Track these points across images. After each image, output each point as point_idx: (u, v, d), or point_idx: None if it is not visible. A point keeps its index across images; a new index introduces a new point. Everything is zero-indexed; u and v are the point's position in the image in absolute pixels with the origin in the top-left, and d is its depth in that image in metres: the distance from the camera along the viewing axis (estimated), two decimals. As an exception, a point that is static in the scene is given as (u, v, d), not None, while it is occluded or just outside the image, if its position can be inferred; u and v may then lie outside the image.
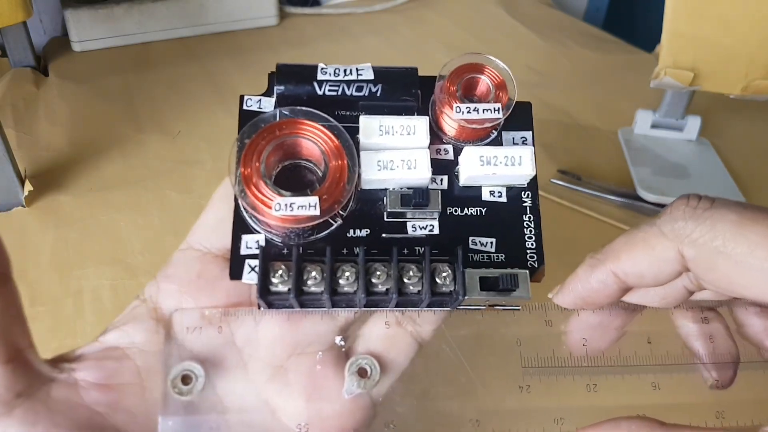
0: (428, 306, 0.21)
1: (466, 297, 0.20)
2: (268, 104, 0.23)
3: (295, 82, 0.23)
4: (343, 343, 0.21)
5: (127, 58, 0.62)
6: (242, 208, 0.21)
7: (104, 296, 0.39)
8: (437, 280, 0.20)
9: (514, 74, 0.24)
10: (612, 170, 0.50)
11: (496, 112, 0.22)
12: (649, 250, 0.20)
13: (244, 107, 0.23)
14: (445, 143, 0.23)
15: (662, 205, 0.46)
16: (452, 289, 0.20)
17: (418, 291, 0.20)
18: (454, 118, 0.22)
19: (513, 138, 0.23)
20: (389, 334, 0.22)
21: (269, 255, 0.21)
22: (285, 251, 0.21)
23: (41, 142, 0.51)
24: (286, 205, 0.20)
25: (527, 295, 0.21)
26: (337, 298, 0.20)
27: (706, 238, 0.19)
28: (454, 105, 0.22)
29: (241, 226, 0.21)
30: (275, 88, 0.23)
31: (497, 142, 0.23)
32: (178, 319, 0.21)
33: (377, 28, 0.70)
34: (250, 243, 0.21)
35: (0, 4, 0.40)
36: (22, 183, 0.44)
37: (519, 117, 0.24)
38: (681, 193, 0.51)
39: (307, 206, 0.20)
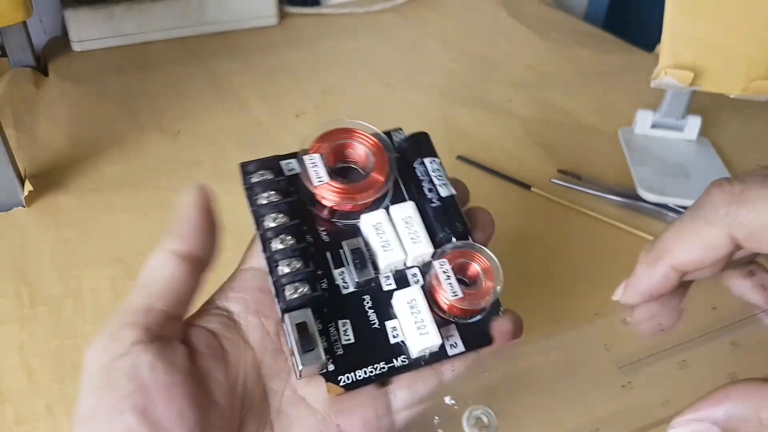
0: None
1: (285, 311, 0.23)
2: None
3: (411, 148, 0.27)
4: (453, 402, 0.23)
5: (127, 58, 0.62)
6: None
7: (104, 296, 0.39)
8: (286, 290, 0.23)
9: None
10: (612, 170, 0.50)
11: (451, 296, 0.24)
12: (702, 240, 0.21)
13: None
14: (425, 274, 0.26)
15: (662, 205, 0.46)
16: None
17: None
18: (431, 271, 0.25)
19: (451, 342, 0.24)
20: None
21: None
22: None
23: (41, 142, 0.51)
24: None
25: (298, 365, 0.22)
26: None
27: (751, 217, 0.20)
28: (439, 260, 0.24)
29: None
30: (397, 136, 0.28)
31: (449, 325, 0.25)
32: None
33: (377, 28, 0.69)
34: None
35: (0, 4, 0.40)
36: (22, 183, 0.44)
37: (476, 338, 0.25)
38: (681, 193, 0.50)
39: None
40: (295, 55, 0.64)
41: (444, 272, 0.24)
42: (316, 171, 0.25)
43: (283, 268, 0.24)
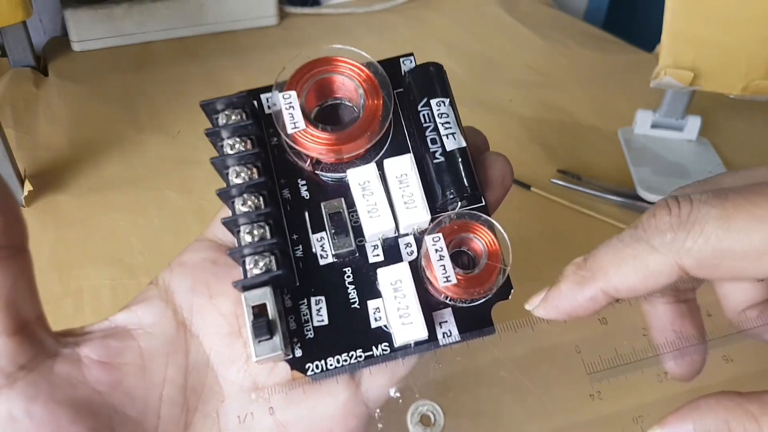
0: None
1: (243, 289, 0.20)
2: None
3: (417, 84, 0.23)
4: (398, 394, 0.21)
5: (126, 58, 0.62)
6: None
7: (104, 296, 0.39)
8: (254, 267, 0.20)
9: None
10: (612, 170, 0.50)
11: (443, 281, 0.20)
12: (642, 266, 0.19)
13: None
14: (417, 238, 0.22)
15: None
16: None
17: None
18: (427, 242, 0.21)
19: (444, 329, 0.21)
20: None
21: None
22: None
23: (41, 142, 0.51)
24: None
25: (256, 354, 0.19)
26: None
27: (700, 243, 0.18)
28: (432, 235, 0.20)
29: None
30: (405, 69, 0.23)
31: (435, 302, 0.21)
32: (227, 411, 0.21)
33: (377, 28, 0.69)
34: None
35: (0, 4, 0.40)
36: (22, 183, 0.44)
37: (475, 325, 0.21)
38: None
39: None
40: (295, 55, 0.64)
41: (437, 251, 0.20)
42: (291, 115, 0.20)
43: (245, 236, 0.20)
